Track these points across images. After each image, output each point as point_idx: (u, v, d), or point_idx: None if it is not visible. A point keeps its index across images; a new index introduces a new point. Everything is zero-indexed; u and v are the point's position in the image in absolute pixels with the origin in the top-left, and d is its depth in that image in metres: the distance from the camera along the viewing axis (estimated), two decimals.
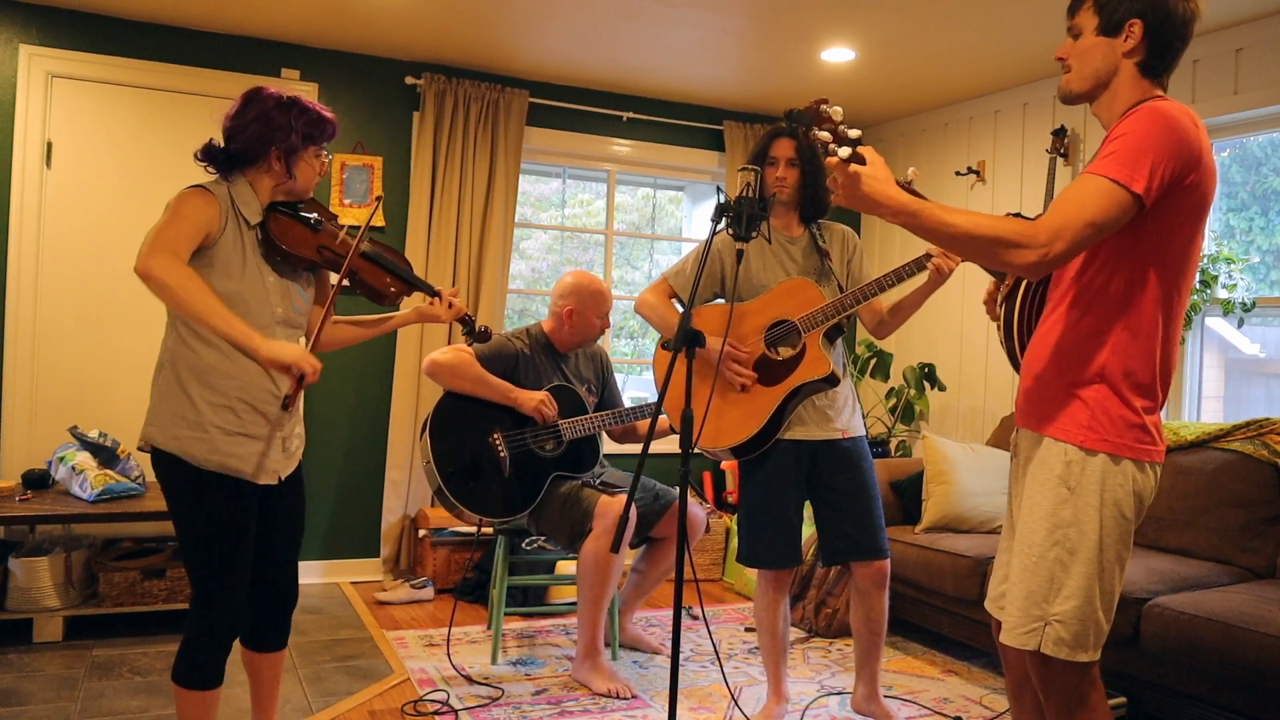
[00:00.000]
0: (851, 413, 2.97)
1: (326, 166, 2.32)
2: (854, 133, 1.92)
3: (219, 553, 2.18)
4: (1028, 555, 1.86)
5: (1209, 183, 1.79)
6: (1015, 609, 1.86)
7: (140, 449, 2.22)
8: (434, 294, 2.55)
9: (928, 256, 2.75)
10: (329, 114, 2.27)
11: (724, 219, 2.47)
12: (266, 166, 2.21)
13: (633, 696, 3.24)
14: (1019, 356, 2.05)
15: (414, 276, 2.51)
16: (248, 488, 2.22)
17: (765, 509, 2.90)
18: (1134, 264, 1.80)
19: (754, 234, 2.47)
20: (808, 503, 2.97)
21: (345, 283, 2.33)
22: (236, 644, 2.41)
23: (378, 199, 2.54)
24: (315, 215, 2.32)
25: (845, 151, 1.88)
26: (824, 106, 1.96)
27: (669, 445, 4.32)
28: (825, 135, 1.92)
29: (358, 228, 2.37)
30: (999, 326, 2.12)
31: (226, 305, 2.10)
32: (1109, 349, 1.81)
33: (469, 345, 3.37)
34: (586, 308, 3.53)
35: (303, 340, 2.35)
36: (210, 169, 2.23)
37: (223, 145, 2.22)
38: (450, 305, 2.54)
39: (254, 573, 2.34)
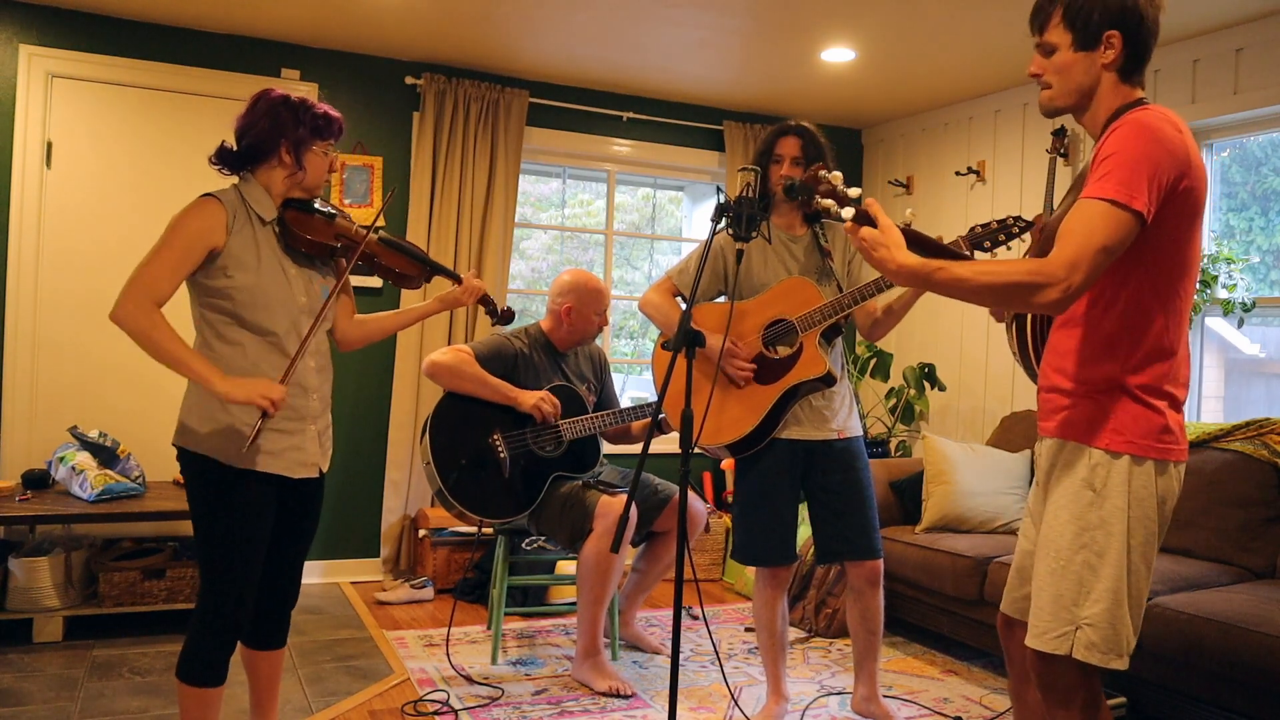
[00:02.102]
0: (848, 413, 2.97)
1: (335, 165, 2.38)
2: (854, 192, 1.94)
3: (236, 553, 2.21)
4: (1055, 559, 1.84)
5: (1201, 183, 1.80)
6: (1045, 613, 1.85)
7: (177, 458, 2.27)
8: (455, 278, 2.63)
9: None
10: (335, 113, 2.33)
11: (724, 219, 2.47)
12: (277, 160, 2.25)
13: (632, 694, 3.25)
14: (1033, 367, 2.05)
15: (433, 261, 2.58)
16: (272, 485, 2.26)
17: (760, 507, 2.90)
18: (1140, 273, 1.81)
19: (753, 234, 2.47)
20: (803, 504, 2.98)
21: (360, 263, 2.39)
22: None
23: (390, 191, 2.62)
24: (330, 208, 2.39)
25: (849, 212, 1.89)
26: (821, 172, 1.98)
27: (668, 445, 4.32)
28: (828, 202, 1.94)
29: (366, 228, 2.45)
30: (1011, 342, 2.12)
31: (246, 299, 2.19)
32: (1125, 356, 1.82)
33: (492, 327, 3.41)
34: (585, 305, 3.53)
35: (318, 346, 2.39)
36: (224, 170, 2.29)
37: (234, 147, 2.28)
38: (470, 291, 2.62)
39: (264, 570, 2.35)
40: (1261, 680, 2.58)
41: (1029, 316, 2.05)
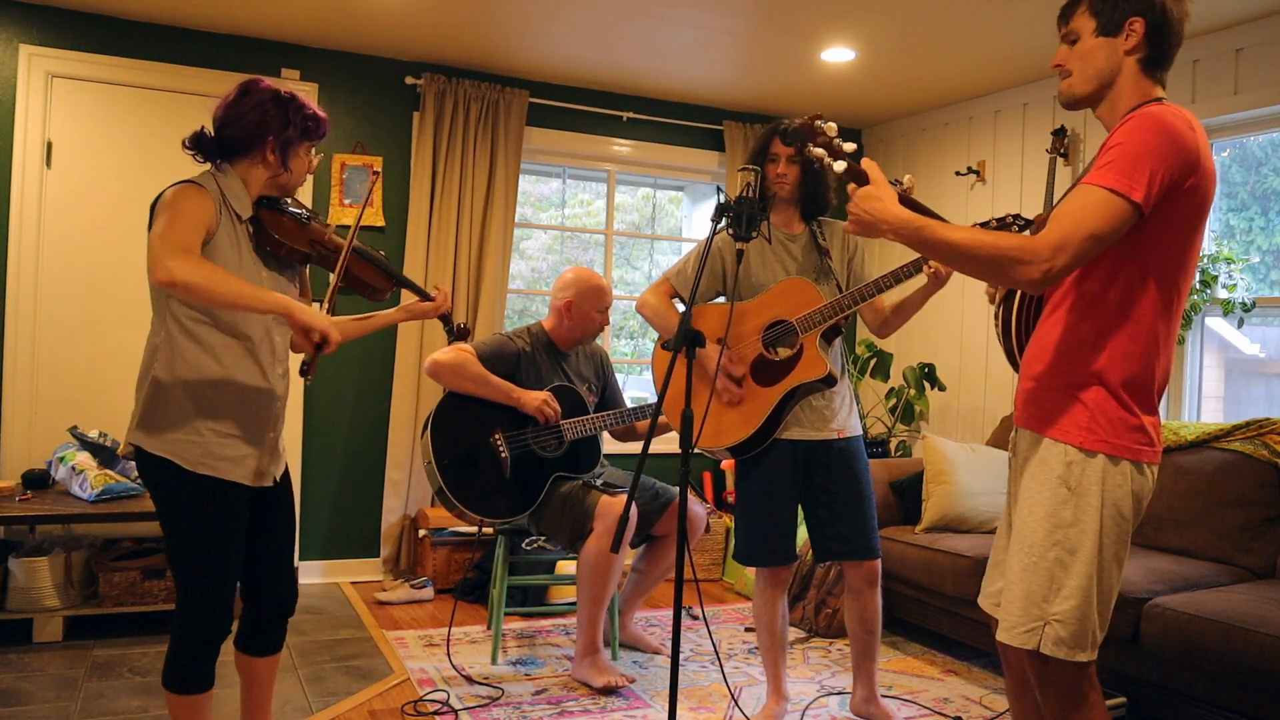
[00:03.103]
0: (848, 413, 2.97)
1: (315, 166, 2.30)
2: (849, 146, 1.94)
3: (208, 559, 2.13)
4: (1027, 555, 1.86)
5: (1208, 185, 1.79)
6: (1015, 608, 1.87)
7: (125, 456, 2.15)
8: (425, 296, 2.56)
9: (925, 259, 2.74)
10: (323, 114, 2.26)
11: (724, 219, 2.47)
12: (261, 158, 2.16)
13: (632, 681, 3.28)
14: (1018, 356, 2.06)
15: (401, 275, 2.49)
16: (239, 492, 2.18)
17: (761, 507, 2.90)
18: (1133, 269, 1.80)
19: (754, 234, 2.47)
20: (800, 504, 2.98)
21: (339, 277, 2.26)
22: (230, 647, 2.39)
23: (368, 197, 2.54)
24: (304, 211, 2.30)
25: (840, 166, 1.90)
26: (818, 122, 1.98)
27: (669, 445, 4.33)
28: (820, 151, 1.95)
29: (346, 227, 2.33)
30: (997, 326, 2.13)
31: None
32: (1108, 352, 1.82)
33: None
34: (585, 301, 3.53)
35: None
36: (199, 158, 2.19)
37: (213, 134, 2.18)
38: (441, 306, 2.56)
39: (251, 577, 2.31)
40: (1261, 680, 2.58)
41: (1016, 302, 2.06)
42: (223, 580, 2.16)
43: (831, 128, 1.98)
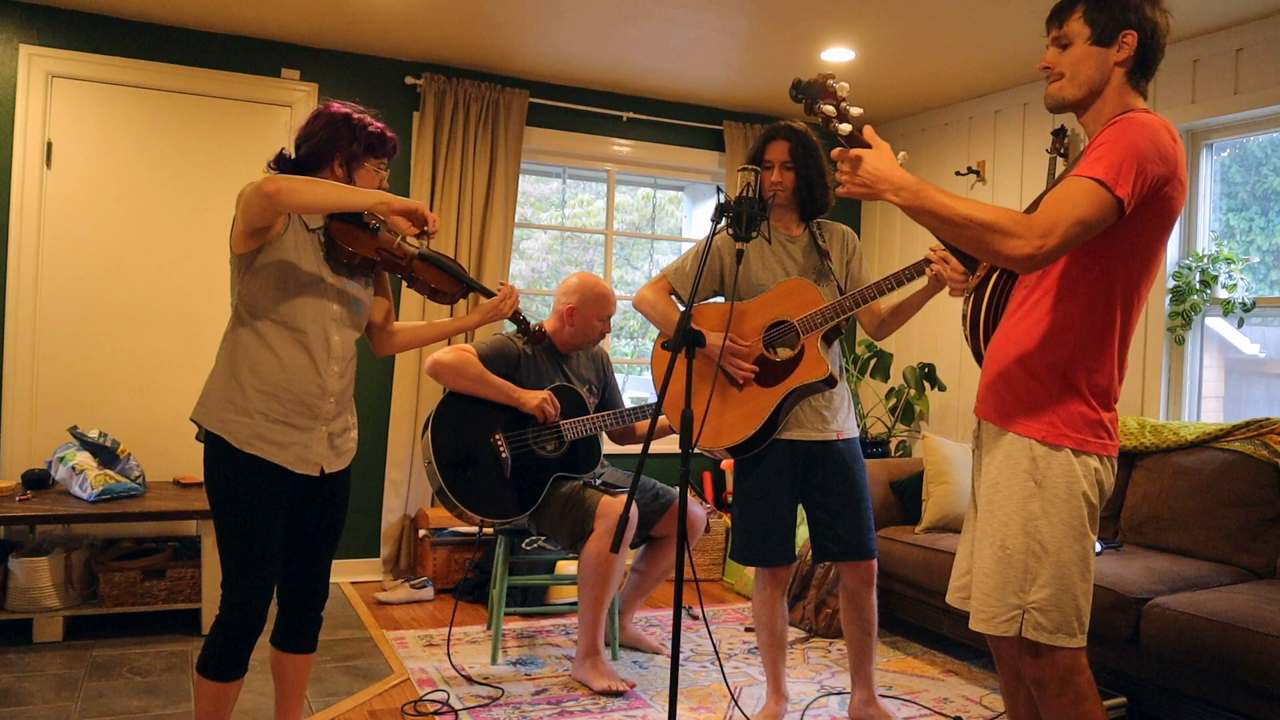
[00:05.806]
0: (847, 414, 2.97)
1: (385, 183, 2.41)
2: (856, 110, 1.96)
3: (251, 539, 2.24)
4: (1000, 549, 1.91)
5: (1180, 196, 1.85)
6: (991, 599, 1.92)
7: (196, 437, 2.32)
8: (489, 294, 2.67)
9: (927, 261, 2.74)
10: (391, 133, 2.38)
11: (724, 219, 2.47)
12: (329, 172, 2.31)
13: (632, 686, 3.28)
14: (981, 349, 2.12)
15: (471, 279, 2.59)
16: (282, 476, 2.28)
17: (760, 507, 2.90)
18: (1100, 269, 1.86)
19: (754, 234, 2.47)
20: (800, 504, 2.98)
21: (398, 276, 2.45)
22: (265, 644, 2.45)
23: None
24: (374, 221, 2.43)
25: (846, 128, 1.93)
26: (831, 81, 2.00)
27: (669, 445, 4.33)
28: (830, 109, 1.97)
29: (412, 242, 2.46)
30: (964, 319, 2.17)
31: (283, 299, 2.24)
32: (1070, 348, 1.88)
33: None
34: (588, 308, 3.53)
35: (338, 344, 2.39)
36: None
37: (292, 156, 2.35)
38: (508, 298, 2.69)
39: (288, 570, 2.39)
40: (1261, 680, 2.58)
41: (986, 297, 2.10)
42: (264, 563, 2.25)
43: (844, 88, 2.00)
